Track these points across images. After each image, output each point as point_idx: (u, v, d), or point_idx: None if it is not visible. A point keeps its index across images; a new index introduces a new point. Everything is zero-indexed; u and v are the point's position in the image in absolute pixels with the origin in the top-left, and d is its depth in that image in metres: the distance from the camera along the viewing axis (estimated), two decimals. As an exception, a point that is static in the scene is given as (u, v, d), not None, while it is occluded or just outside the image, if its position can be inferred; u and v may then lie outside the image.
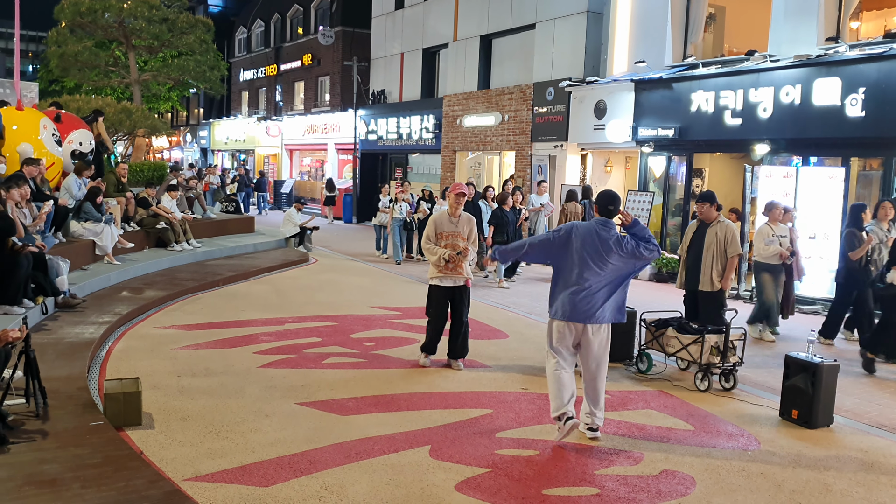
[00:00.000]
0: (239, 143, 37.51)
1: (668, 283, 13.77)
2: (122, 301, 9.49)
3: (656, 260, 14.27)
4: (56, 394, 5.60)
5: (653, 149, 15.21)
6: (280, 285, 12.16)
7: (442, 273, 7.35)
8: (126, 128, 18.03)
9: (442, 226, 7.42)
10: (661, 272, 14.14)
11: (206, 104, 44.15)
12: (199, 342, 8.10)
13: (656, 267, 14.21)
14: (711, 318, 7.49)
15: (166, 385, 6.53)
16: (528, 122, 18.81)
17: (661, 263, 14.15)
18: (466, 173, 21.91)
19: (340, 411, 6.04)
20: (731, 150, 14.36)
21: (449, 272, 7.34)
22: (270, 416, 5.84)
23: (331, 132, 29.25)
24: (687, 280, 8.01)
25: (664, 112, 14.79)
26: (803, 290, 11.80)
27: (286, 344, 8.20)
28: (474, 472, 4.93)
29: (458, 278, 7.38)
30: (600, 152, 17.29)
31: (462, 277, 7.38)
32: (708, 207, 7.82)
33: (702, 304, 7.83)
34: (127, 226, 12.97)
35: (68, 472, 4.36)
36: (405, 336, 8.79)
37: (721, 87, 13.61)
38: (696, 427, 6.06)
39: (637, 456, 5.36)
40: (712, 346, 7.07)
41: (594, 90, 16.63)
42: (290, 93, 34.61)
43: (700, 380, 7.11)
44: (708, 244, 7.76)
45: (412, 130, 23.86)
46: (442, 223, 7.43)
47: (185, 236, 13.80)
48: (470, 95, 21.32)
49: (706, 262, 7.74)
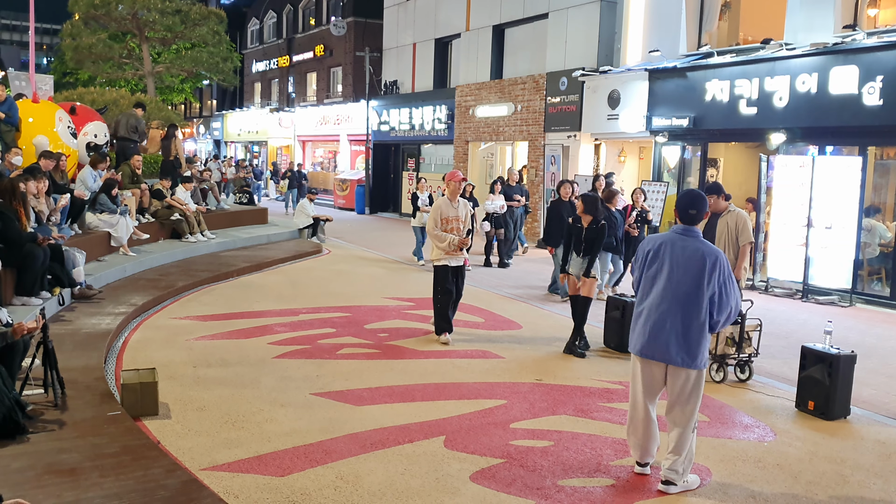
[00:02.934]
0: (252, 134, 37.59)
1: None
2: (138, 292, 9.55)
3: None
4: (74, 384, 5.66)
5: (667, 138, 15.11)
6: (294, 276, 12.20)
7: (449, 255, 8.15)
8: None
9: (446, 212, 8.16)
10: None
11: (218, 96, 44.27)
12: (214, 333, 8.14)
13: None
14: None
15: (182, 375, 6.57)
16: (541, 113, 18.73)
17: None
18: (479, 164, 21.86)
19: (355, 401, 6.07)
20: (747, 139, 14.23)
21: (453, 254, 8.15)
22: (286, 407, 5.87)
23: (343, 123, 29.23)
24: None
25: (678, 101, 14.68)
26: (819, 279, 11.72)
27: (300, 335, 8.23)
28: (489, 462, 4.94)
29: (459, 258, 8.20)
30: (614, 142, 17.19)
31: (462, 257, 8.24)
32: (716, 199, 7.77)
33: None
34: (142, 217, 13.03)
35: (87, 461, 4.40)
36: (419, 327, 8.80)
37: (736, 75, 13.48)
38: (711, 418, 6.04)
39: (652, 447, 5.33)
40: (727, 336, 7.03)
41: (608, 80, 16.53)
42: (302, 84, 34.62)
43: (715, 371, 7.09)
44: (720, 234, 7.71)
45: (424, 121, 23.81)
46: (446, 209, 8.17)
47: (199, 227, 13.86)
48: (482, 86, 21.25)
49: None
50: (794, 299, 11.76)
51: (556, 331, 8.81)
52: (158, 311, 9.13)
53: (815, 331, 9.32)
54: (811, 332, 9.18)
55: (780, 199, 12.28)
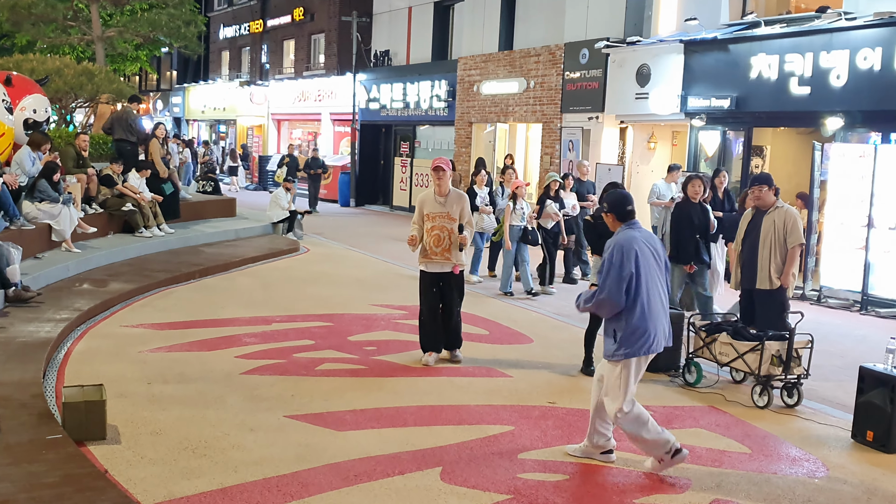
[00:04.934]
0: (218, 111, 37.59)
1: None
2: (84, 295, 9.54)
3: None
4: (7, 402, 5.66)
5: (705, 122, 15.12)
6: (266, 278, 12.20)
7: (427, 259, 7.69)
8: (87, 93, 18.09)
9: (426, 205, 7.67)
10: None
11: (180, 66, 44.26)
12: (172, 344, 8.15)
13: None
14: (771, 321, 7.45)
15: (134, 393, 6.57)
16: (558, 90, 18.75)
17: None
18: (485, 149, 21.89)
19: (336, 426, 6.07)
20: (798, 124, 14.24)
21: (435, 257, 7.65)
22: (255, 431, 5.87)
23: (325, 100, 29.24)
24: (743, 277, 7.97)
25: (719, 79, 14.69)
26: (881, 289, 11.72)
27: (273, 347, 8.23)
28: (493, 499, 4.95)
29: (445, 264, 7.68)
30: (643, 126, 17.21)
31: (450, 263, 7.70)
32: (766, 191, 7.76)
33: (759, 305, 7.78)
34: (88, 207, 13.04)
35: (21, 492, 4.40)
36: (411, 339, 8.79)
37: (786, 49, 13.50)
38: (753, 450, 6.05)
39: (683, 483, 5.36)
40: (773, 354, 7.04)
41: (636, 52, 16.55)
42: (278, 53, 34.63)
43: (758, 394, 7.10)
44: (765, 234, 7.71)
45: (421, 98, 23.83)
46: (426, 202, 7.69)
47: (155, 220, 13.87)
48: (489, 58, 21.26)
49: (763, 255, 7.69)
50: (851, 312, 11.77)
51: (571, 345, 8.81)
52: (107, 318, 9.12)
53: (875, 349, 9.30)
54: (871, 351, 9.18)
55: (836, 195, 12.28)
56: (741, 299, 8.19)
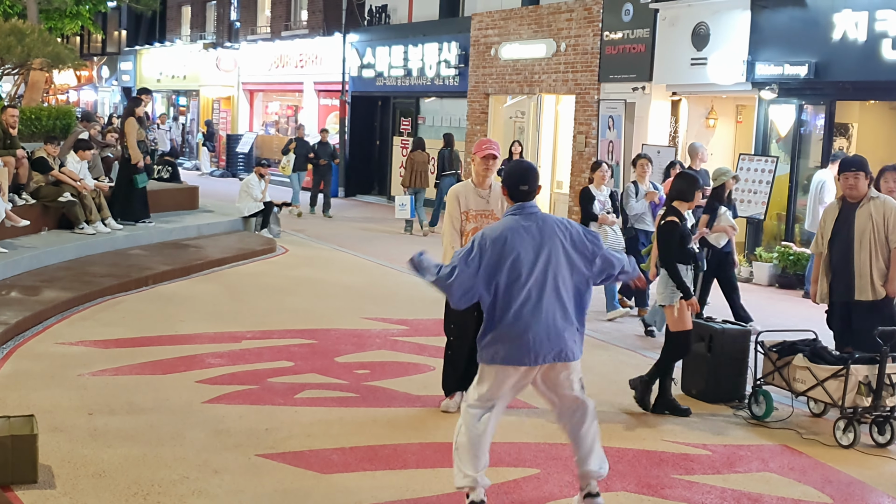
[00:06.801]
0: (177, 80, 37.67)
1: (795, 288, 13.68)
2: (11, 305, 9.56)
3: (779, 254, 14.19)
4: (-83, 436, 5.66)
5: (777, 93, 15.07)
6: (235, 285, 12.23)
7: None
8: (17, 57, 18.16)
9: (467, 201, 7.42)
10: (786, 272, 14.03)
11: (130, 25, 44.37)
12: (119, 365, 8.14)
13: (779, 266, 14.11)
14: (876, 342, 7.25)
15: (73, 426, 6.57)
16: (595, 54, 18.71)
17: (786, 261, 14.05)
18: (504, 127, 21.86)
19: (321, 467, 6.07)
20: (892, 96, 14.19)
21: None
22: (220, 473, 5.87)
23: (308, 66, 29.26)
24: (833, 288, 7.84)
25: (794, 41, 14.64)
26: None
27: (243, 370, 8.23)
28: (513, 558, 4.93)
29: None
30: (700, 98, 17.16)
31: None
32: (861, 179, 7.67)
33: (858, 320, 7.64)
34: (18, 197, 13.07)
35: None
36: (413, 361, 8.80)
37: (878, 5, 13.44)
38: (835, 499, 6.03)
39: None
40: (860, 381, 7.00)
41: (692, 8, 16.51)
42: (250, 9, 34.68)
43: (842, 430, 7.05)
44: (860, 230, 7.62)
45: (426, 64, 23.81)
46: (467, 198, 7.42)
47: (99, 214, 13.88)
48: (510, 14, 21.25)
49: (860, 258, 7.59)
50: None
51: (609, 370, 8.79)
52: (39, 333, 9.14)
53: None
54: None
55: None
56: (830, 314, 8.01)
